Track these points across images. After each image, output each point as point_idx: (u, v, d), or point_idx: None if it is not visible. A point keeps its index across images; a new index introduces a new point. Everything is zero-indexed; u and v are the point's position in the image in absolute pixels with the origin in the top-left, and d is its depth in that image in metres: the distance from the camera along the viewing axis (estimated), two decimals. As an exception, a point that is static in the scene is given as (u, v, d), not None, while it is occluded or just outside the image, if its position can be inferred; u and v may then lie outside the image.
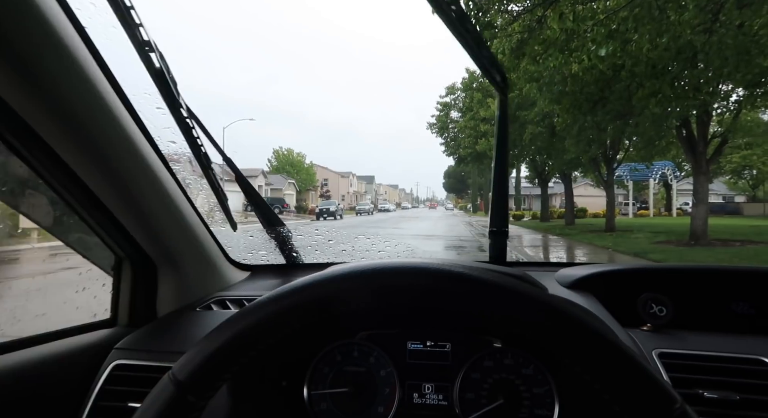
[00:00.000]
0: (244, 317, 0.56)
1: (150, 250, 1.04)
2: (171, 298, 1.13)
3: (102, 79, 0.73)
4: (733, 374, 0.80)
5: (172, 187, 0.98)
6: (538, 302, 0.50)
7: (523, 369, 0.91)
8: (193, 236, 1.11)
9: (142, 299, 1.09)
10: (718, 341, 0.89)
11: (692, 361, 0.83)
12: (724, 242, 10.51)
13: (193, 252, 1.14)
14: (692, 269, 1.11)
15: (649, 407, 0.45)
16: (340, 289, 0.55)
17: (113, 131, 0.77)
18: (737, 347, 0.86)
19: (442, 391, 0.94)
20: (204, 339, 0.56)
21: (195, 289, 1.17)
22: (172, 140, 0.96)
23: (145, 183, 0.90)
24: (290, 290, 0.55)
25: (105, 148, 0.78)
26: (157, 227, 1.00)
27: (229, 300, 1.17)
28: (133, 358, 0.95)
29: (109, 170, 0.82)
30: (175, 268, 1.11)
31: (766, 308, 1.04)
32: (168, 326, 1.06)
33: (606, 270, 1.10)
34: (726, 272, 1.10)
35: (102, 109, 0.74)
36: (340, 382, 0.96)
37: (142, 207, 0.93)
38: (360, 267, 0.55)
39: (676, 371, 0.81)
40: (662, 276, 1.11)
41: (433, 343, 0.97)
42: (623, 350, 0.47)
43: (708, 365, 0.81)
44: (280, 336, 0.55)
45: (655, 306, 0.95)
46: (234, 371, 0.56)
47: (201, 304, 1.15)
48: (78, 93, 0.69)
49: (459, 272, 0.53)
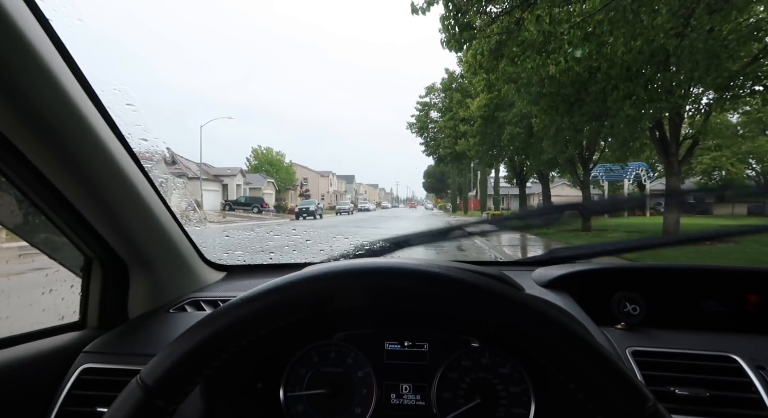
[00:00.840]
0: (215, 320, 0.54)
1: (121, 250, 1.01)
2: (143, 299, 1.10)
3: (67, 74, 0.70)
4: (703, 371, 0.81)
5: (144, 186, 0.95)
6: (513, 303, 0.50)
7: (500, 368, 0.91)
8: (166, 235, 1.08)
9: (113, 301, 1.06)
10: (690, 338, 0.90)
11: (664, 359, 0.84)
12: (695, 242, 10.77)
13: (166, 252, 1.11)
14: (664, 268, 1.13)
15: (622, 406, 0.45)
16: (314, 289, 0.54)
17: (80, 128, 0.75)
18: (707, 344, 0.87)
19: (419, 391, 0.93)
20: (174, 342, 0.55)
21: (168, 290, 1.15)
22: (144, 138, 0.94)
23: (114, 181, 0.87)
24: (263, 292, 0.54)
25: (72, 146, 0.75)
26: (128, 226, 0.97)
27: (204, 301, 1.15)
28: (101, 361, 0.92)
29: (76, 169, 0.79)
30: (148, 268, 1.08)
31: (734, 305, 1.07)
32: (139, 328, 1.03)
33: (581, 270, 1.11)
34: (697, 271, 1.12)
35: (68, 106, 0.71)
36: (317, 383, 0.95)
37: (111, 206, 0.90)
38: (335, 267, 0.54)
39: (649, 368, 0.82)
40: (635, 275, 1.13)
41: (411, 343, 0.96)
42: (597, 349, 0.47)
43: (679, 363, 0.83)
44: (252, 339, 0.54)
45: (629, 305, 0.96)
46: (205, 375, 0.54)
47: (174, 305, 1.12)
48: (42, 89, 0.66)
49: (433, 272, 0.52)
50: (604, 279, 1.11)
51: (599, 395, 0.46)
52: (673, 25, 7.81)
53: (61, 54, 0.69)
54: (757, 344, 0.87)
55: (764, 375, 0.78)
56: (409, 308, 0.53)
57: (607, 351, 0.48)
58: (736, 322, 1.05)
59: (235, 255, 1.41)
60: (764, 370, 0.79)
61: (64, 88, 0.69)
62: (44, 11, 0.64)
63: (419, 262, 0.55)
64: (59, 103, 0.69)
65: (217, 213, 22.57)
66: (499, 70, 9.32)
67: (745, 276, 1.11)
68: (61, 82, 0.68)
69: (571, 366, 0.47)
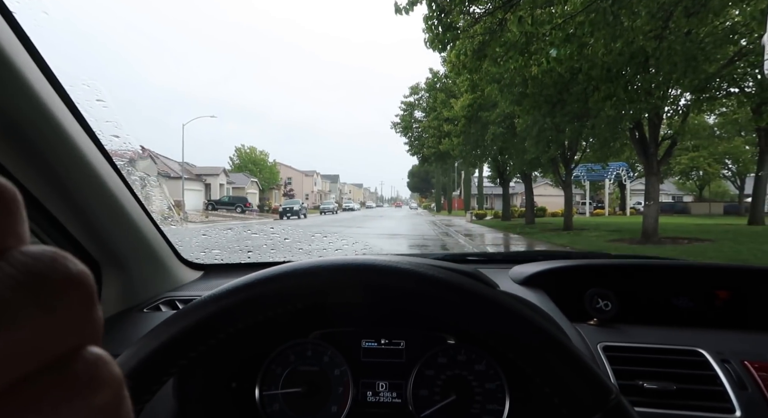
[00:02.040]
0: (182, 317, 0.54)
1: (92, 249, 0.99)
2: (116, 299, 1.08)
3: (33, 68, 0.68)
4: (671, 365, 0.83)
5: (116, 184, 0.94)
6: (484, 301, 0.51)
7: (475, 365, 0.92)
8: (140, 234, 1.06)
9: None
10: (659, 333, 0.92)
11: (634, 353, 0.86)
12: (674, 240, 11.01)
13: (140, 251, 1.09)
14: (636, 265, 1.15)
15: (586, 398, 0.46)
16: (283, 287, 0.54)
17: (47, 124, 0.73)
18: (676, 339, 0.89)
19: (395, 388, 0.94)
20: (140, 340, 0.54)
21: (142, 289, 1.13)
22: (115, 134, 0.92)
23: (84, 179, 0.85)
24: (230, 290, 0.54)
25: (38, 143, 0.74)
26: (99, 225, 0.95)
27: (179, 300, 1.13)
28: None
29: (44, 166, 0.77)
30: (121, 268, 1.06)
31: (704, 301, 1.09)
32: (111, 328, 1.02)
33: (555, 267, 1.12)
34: (668, 268, 1.14)
35: (33, 101, 0.69)
36: (293, 382, 0.94)
37: (81, 204, 0.88)
38: (299, 265, 0.54)
39: (619, 363, 0.83)
40: (608, 272, 1.15)
41: (388, 341, 0.97)
42: (561, 343, 0.48)
43: (648, 357, 0.84)
44: (221, 337, 0.53)
45: (601, 301, 0.97)
46: (172, 374, 0.54)
47: (149, 305, 1.11)
48: (5, 83, 0.65)
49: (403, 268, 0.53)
50: (578, 276, 1.13)
51: (563, 388, 0.46)
52: (652, 28, 7.95)
53: (26, 47, 0.67)
54: (723, 338, 0.89)
55: (728, 368, 0.80)
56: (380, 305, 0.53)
57: (570, 345, 0.48)
58: (705, 317, 1.08)
59: (212, 254, 1.39)
60: (729, 363, 0.81)
61: (28, 82, 0.67)
62: (7, 3, 0.62)
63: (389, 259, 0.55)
64: (24, 97, 0.68)
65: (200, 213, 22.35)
66: (482, 70, 9.38)
67: (714, 273, 1.13)
68: (25, 76, 0.67)
69: (537, 360, 0.47)
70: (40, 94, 0.70)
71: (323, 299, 0.54)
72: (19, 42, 0.66)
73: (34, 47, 0.68)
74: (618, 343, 0.88)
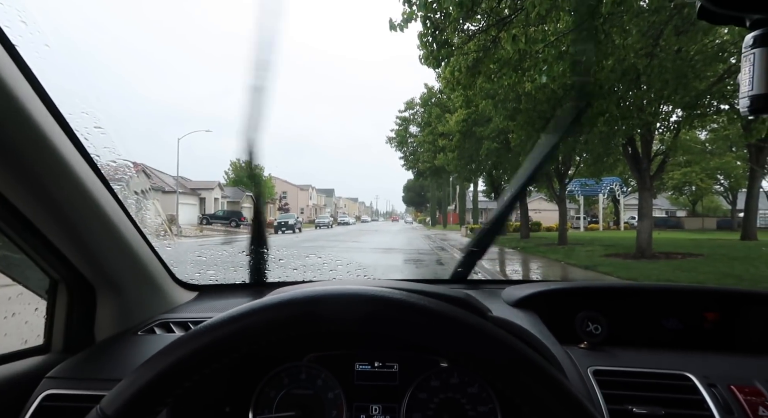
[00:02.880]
0: (178, 347, 0.54)
1: (87, 271, 0.99)
2: (111, 321, 1.08)
3: (34, 98, 0.70)
4: (660, 389, 0.84)
5: (112, 207, 0.95)
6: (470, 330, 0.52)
7: (468, 388, 0.93)
8: (135, 256, 1.07)
9: (79, 324, 1.04)
10: (649, 357, 0.93)
11: (624, 377, 0.86)
12: (667, 255, 11.05)
13: (134, 272, 1.09)
14: (627, 288, 1.17)
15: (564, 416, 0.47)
16: (280, 316, 0.55)
17: (46, 153, 0.74)
18: (665, 362, 0.90)
19: (389, 412, 0.94)
20: (135, 370, 0.54)
21: (137, 311, 1.13)
22: (113, 160, 0.93)
23: (81, 204, 0.86)
24: (226, 319, 0.54)
25: (37, 170, 0.75)
26: (95, 248, 0.95)
27: (174, 323, 1.13)
28: (65, 387, 0.90)
29: (41, 191, 0.78)
30: (115, 289, 1.06)
31: (693, 323, 1.10)
32: (106, 351, 1.02)
33: (547, 289, 1.14)
34: (658, 291, 1.16)
35: (34, 129, 0.70)
36: (287, 405, 0.95)
37: (78, 228, 0.89)
38: (294, 295, 0.55)
39: (609, 387, 0.84)
40: (599, 295, 1.16)
41: (381, 363, 0.97)
42: (545, 370, 0.49)
43: (638, 382, 0.85)
44: (216, 367, 0.54)
45: (591, 324, 0.99)
46: (168, 404, 0.54)
47: (143, 327, 1.10)
48: (7, 114, 0.66)
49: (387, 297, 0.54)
50: (569, 298, 1.14)
51: (541, 408, 0.47)
52: (643, 46, 8.09)
53: (27, 79, 0.69)
54: (711, 362, 0.90)
55: (715, 393, 0.81)
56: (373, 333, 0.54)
57: (555, 373, 0.49)
58: (694, 339, 1.09)
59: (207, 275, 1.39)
60: (716, 388, 0.82)
61: (28, 111, 0.69)
62: (10, 37, 0.64)
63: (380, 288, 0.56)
64: (25, 127, 0.69)
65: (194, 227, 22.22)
66: (476, 86, 9.48)
67: (703, 295, 1.15)
68: (25, 105, 0.68)
69: (524, 391, 0.48)
70: (40, 123, 0.71)
71: (319, 328, 0.55)
72: (21, 74, 0.67)
73: (35, 79, 0.70)
74: (608, 367, 0.89)
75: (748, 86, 0.47)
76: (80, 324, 1.04)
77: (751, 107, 0.47)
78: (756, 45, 0.47)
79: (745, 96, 0.47)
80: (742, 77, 0.49)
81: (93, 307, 1.06)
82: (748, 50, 0.47)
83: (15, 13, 0.68)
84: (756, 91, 0.47)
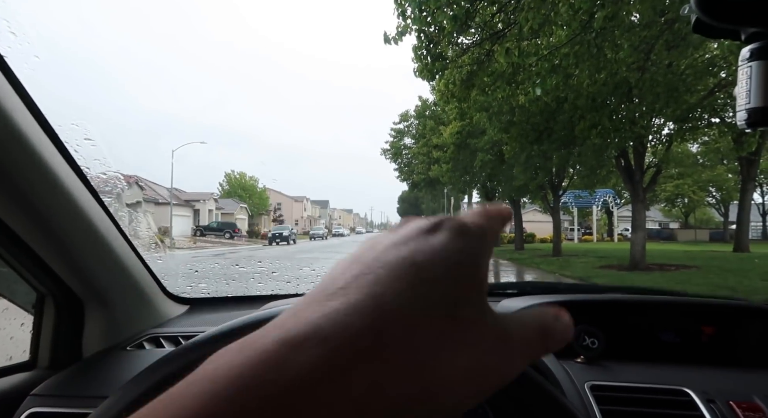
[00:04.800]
0: (165, 364, 0.53)
1: (75, 285, 0.97)
2: (99, 336, 1.05)
3: (23, 110, 0.69)
4: (658, 405, 0.82)
5: (102, 220, 0.93)
6: None
7: None
8: (125, 270, 1.04)
9: (66, 339, 1.01)
10: (646, 371, 0.92)
11: (621, 393, 0.85)
12: (661, 267, 11.09)
13: (123, 286, 1.07)
14: (624, 301, 1.16)
15: None
16: None
17: (35, 166, 0.73)
18: (663, 377, 0.89)
19: None
20: (121, 389, 0.53)
21: (126, 326, 1.10)
22: (103, 172, 0.92)
23: (69, 217, 0.84)
24: (216, 335, 0.53)
25: (24, 183, 0.73)
26: (84, 262, 0.93)
27: (164, 337, 1.11)
28: (51, 405, 0.87)
29: (28, 205, 0.77)
30: (104, 304, 1.04)
31: (691, 337, 1.09)
32: (93, 367, 0.99)
33: (542, 303, 1.12)
34: (655, 304, 1.15)
35: (22, 142, 0.69)
36: None
37: (66, 242, 0.87)
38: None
39: (607, 403, 0.83)
40: (596, 308, 1.15)
41: None
42: (548, 392, 0.48)
43: (636, 397, 0.84)
44: None
45: (588, 339, 0.97)
46: None
47: (132, 342, 1.08)
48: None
49: None
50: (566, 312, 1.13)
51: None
52: (635, 60, 8.20)
53: (17, 91, 0.68)
54: (709, 377, 0.89)
55: (714, 409, 0.80)
56: None
57: (554, 392, 0.48)
58: (691, 353, 1.08)
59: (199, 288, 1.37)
60: (714, 403, 0.81)
61: (16, 123, 0.67)
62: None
63: None
64: (13, 139, 0.68)
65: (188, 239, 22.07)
66: (470, 99, 9.54)
67: (700, 308, 1.14)
68: (13, 117, 0.67)
69: (523, 407, 0.47)
70: (29, 135, 0.70)
71: None
72: (9, 85, 0.66)
73: (24, 90, 0.69)
74: (605, 382, 0.87)
75: (746, 99, 0.47)
76: (67, 339, 1.02)
77: (749, 120, 0.47)
78: (753, 58, 0.47)
79: (743, 109, 0.47)
80: (739, 91, 0.49)
81: (81, 321, 1.03)
82: (744, 63, 0.47)
83: (4, 23, 0.67)
84: (753, 104, 0.47)
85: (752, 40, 0.48)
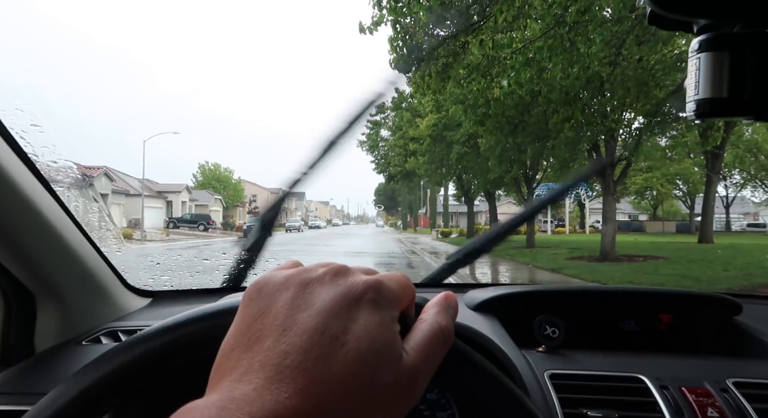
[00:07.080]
0: (119, 353, 0.51)
1: (24, 278, 0.93)
2: (53, 331, 1.01)
3: None
4: (614, 392, 0.84)
5: (51, 209, 0.89)
6: None
7: (427, 394, 0.91)
8: (79, 260, 1.00)
9: (17, 334, 0.97)
10: (605, 360, 0.94)
11: (579, 381, 0.86)
12: (630, 258, 11.40)
13: (79, 279, 1.03)
14: (585, 291, 1.18)
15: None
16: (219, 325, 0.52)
17: None
18: (620, 365, 0.91)
19: None
20: (71, 377, 0.50)
21: (82, 320, 1.06)
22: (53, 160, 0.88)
23: (15, 205, 0.81)
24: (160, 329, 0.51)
25: None
26: (32, 252, 0.90)
27: (122, 331, 1.07)
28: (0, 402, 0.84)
29: None
30: (57, 297, 1.00)
31: (649, 325, 1.12)
32: (45, 363, 0.96)
33: (506, 293, 1.13)
34: (616, 293, 1.17)
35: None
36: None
37: (12, 231, 0.83)
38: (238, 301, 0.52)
39: (565, 391, 0.84)
40: (557, 298, 1.17)
41: None
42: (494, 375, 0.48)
43: (593, 385, 0.85)
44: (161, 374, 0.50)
45: (549, 328, 0.98)
46: (106, 412, 0.50)
47: (89, 336, 1.04)
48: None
49: None
50: (528, 302, 1.14)
51: None
52: (606, 54, 8.34)
53: None
54: (664, 365, 0.92)
55: (667, 395, 0.82)
56: None
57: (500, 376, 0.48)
58: (650, 341, 1.11)
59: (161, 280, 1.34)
60: (667, 389, 0.83)
61: None
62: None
63: None
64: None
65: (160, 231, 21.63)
66: (446, 91, 9.59)
67: (659, 297, 1.17)
68: None
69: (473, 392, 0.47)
70: None
71: None
72: None
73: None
74: (564, 371, 0.89)
75: (694, 91, 0.47)
76: (18, 334, 0.98)
77: (697, 111, 0.47)
78: (701, 50, 0.47)
79: (692, 100, 0.47)
80: (689, 82, 0.49)
81: (33, 316, 0.99)
82: (694, 55, 0.47)
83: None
84: (701, 96, 0.47)
85: (702, 32, 0.49)
